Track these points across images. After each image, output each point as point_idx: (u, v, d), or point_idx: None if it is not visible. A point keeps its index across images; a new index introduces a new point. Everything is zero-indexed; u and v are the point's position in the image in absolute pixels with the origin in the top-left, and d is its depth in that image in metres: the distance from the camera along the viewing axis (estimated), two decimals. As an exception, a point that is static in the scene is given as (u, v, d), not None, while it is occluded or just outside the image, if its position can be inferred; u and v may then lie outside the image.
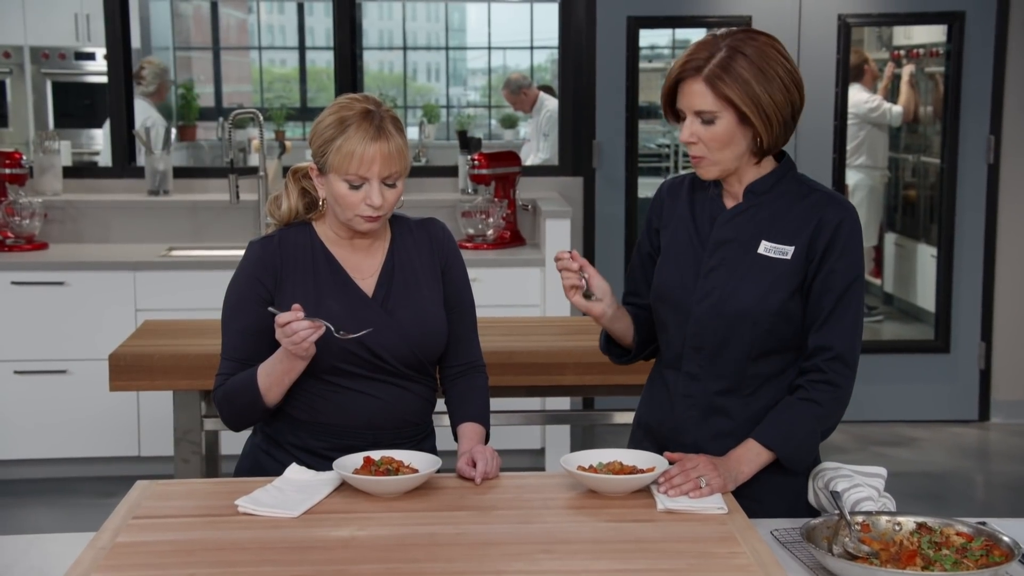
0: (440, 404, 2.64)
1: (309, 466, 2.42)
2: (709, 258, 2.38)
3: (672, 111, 2.37)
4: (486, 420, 2.58)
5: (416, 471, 2.30)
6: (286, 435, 2.50)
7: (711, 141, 2.30)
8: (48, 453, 5.17)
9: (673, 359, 2.44)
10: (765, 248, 2.34)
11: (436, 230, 2.58)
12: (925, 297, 6.43)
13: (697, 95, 2.28)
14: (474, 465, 2.38)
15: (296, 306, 2.30)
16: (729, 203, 2.41)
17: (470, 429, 2.54)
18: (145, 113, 6.89)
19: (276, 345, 2.43)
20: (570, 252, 2.39)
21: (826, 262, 2.31)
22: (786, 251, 2.33)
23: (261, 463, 2.52)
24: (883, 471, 2.33)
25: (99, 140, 8.07)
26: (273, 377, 2.39)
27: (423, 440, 2.56)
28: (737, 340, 2.34)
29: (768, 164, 2.39)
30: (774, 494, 2.38)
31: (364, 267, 2.50)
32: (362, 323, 2.42)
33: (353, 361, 2.42)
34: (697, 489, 2.22)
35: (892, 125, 6.69)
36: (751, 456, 2.31)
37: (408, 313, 2.48)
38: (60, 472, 5.21)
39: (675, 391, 2.44)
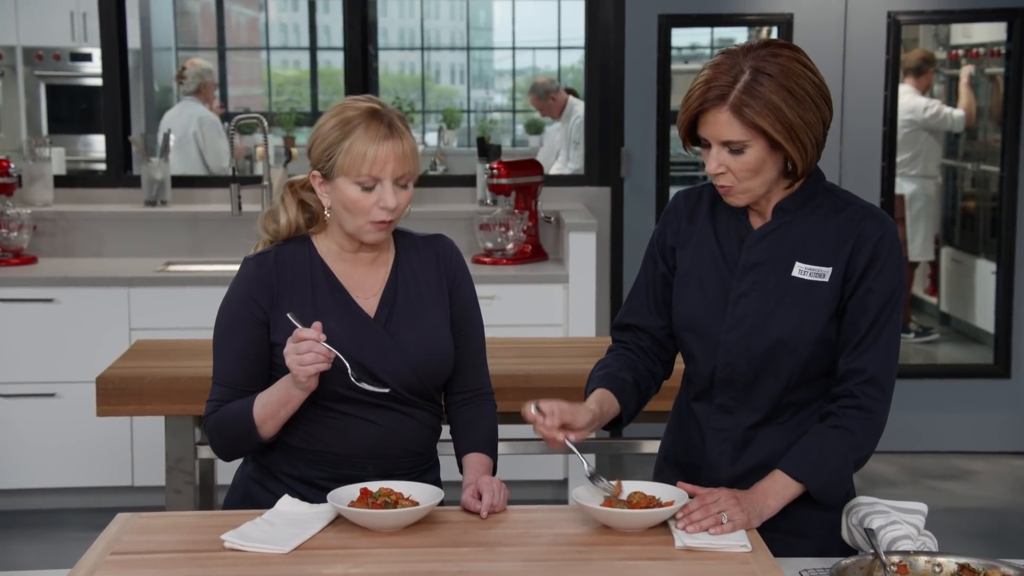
0: (444, 432, 2.64)
1: (305, 498, 2.42)
2: (739, 283, 2.36)
3: (691, 138, 2.33)
4: (493, 450, 2.59)
5: (416, 504, 2.30)
6: (281, 464, 2.51)
7: (740, 171, 2.28)
8: (35, 482, 5.21)
9: (702, 391, 2.43)
10: (800, 270, 2.33)
11: (443, 247, 2.59)
12: (984, 317, 6.39)
13: (723, 124, 2.24)
14: (480, 497, 2.38)
15: (317, 324, 2.31)
16: (756, 222, 2.39)
17: (476, 459, 2.54)
18: (195, 112, 7.07)
19: (271, 369, 2.45)
20: (537, 411, 2.29)
21: (864, 281, 2.30)
22: (823, 273, 2.32)
23: (253, 495, 2.52)
24: (923, 507, 2.31)
25: (96, 147, 8.13)
26: (269, 408, 2.40)
27: (427, 471, 2.57)
28: (773, 370, 2.33)
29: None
30: (807, 528, 2.37)
31: (366, 285, 2.51)
32: (364, 345, 2.44)
33: (353, 386, 2.41)
34: (718, 525, 2.21)
35: (954, 131, 6.66)
36: (778, 489, 2.30)
37: (413, 336, 2.48)
38: (47, 503, 5.24)
39: (706, 425, 2.43)
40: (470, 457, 2.55)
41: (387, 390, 2.41)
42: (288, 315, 2.38)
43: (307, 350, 2.28)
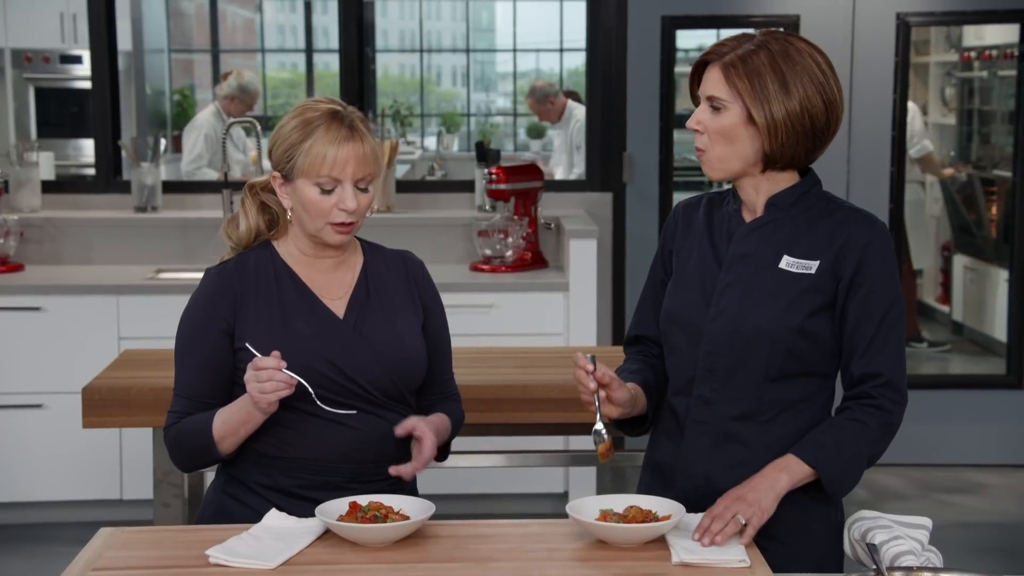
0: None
1: (280, 508, 2.43)
2: (726, 274, 2.40)
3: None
4: (452, 425, 2.64)
5: (406, 518, 2.30)
6: (253, 474, 2.52)
7: (715, 133, 2.35)
8: (21, 496, 5.21)
9: (683, 385, 2.45)
10: (787, 263, 2.37)
11: (411, 260, 2.66)
12: (999, 326, 6.39)
13: (711, 81, 2.35)
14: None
15: (276, 353, 2.34)
16: (749, 218, 2.44)
17: (437, 416, 2.59)
18: (205, 116, 7.14)
19: (232, 381, 2.49)
20: (592, 364, 2.36)
21: (860, 285, 2.33)
22: (810, 266, 2.35)
23: (227, 508, 2.53)
24: (928, 522, 2.32)
25: (86, 151, 8.14)
26: (229, 426, 2.44)
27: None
28: (754, 360, 2.35)
29: (791, 177, 2.41)
30: (808, 542, 2.38)
31: (332, 287, 2.55)
32: (333, 345, 2.48)
33: (325, 385, 2.45)
34: (737, 527, 2.20)
35: (908, 154, 6.64)
36: (793, 468, 2.29)
37: (384, 338, 2.52)
38: (33, 517, 5.24)
39: (685, 418, 2.45)
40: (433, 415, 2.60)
41: (354, 412, 2.47)
42: (246, 344, 2.43)
43: (268, 378, 2.32)
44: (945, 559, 2.29)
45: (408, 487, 2.57)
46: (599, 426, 2.37)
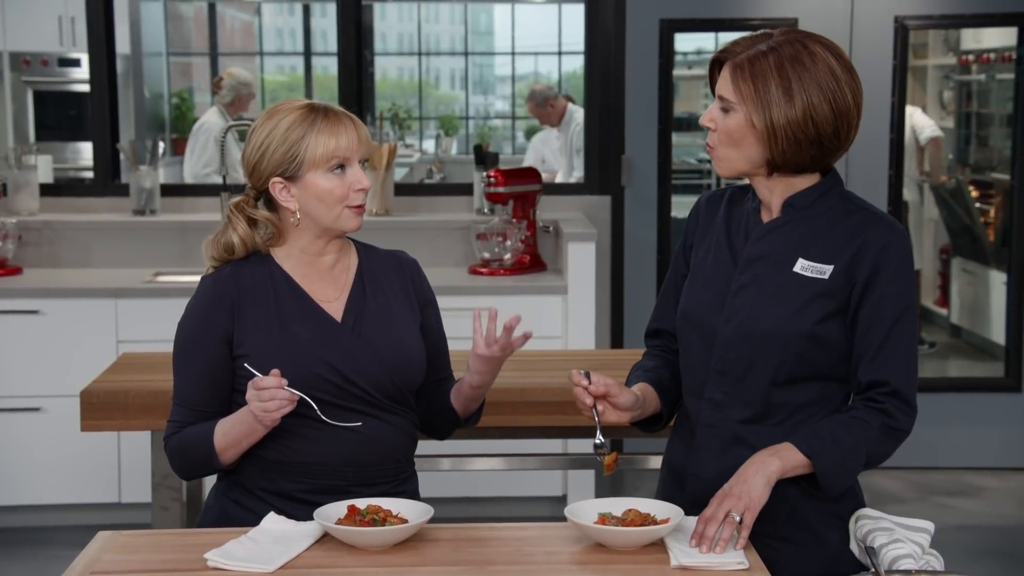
0: (422, 447, 2.68)
1: (284, 512, 2.43)
2: (740, 276, 2.39)
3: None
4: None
5: (405, 521, 2.30)
6: (256, 479, 2.52)
7: (723, 133, 2.34)
8: (18, 499, 5.21)
9: (696, 386, 2.45)
10: (802, 267, 2.34)
11: (406, 259, 2.67)
12: (997, 329, 6.39)
13: (722, 80, 2.34)
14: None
15: (276, 371, 2.35)
16: (767, 218, 2.42)
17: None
18: (213, 118, 7.14)
19: (232, 389, 2.49)
20: (587, 378, 2.38)
21: (873, 290, 2.30)
22: (824, 270, 2.33)
23: (229, 513, 2.53)
24: (930, 525, 2.30)
25: (84, 154, 8.14)
26: (230, 438, 2.44)
27: (406, 480, 2.59)
28: (763, 363, 2.34)
29: (809, 179, 2.38)
30: (819, 543, 2.37)
31: (328, 290, 2.55)
32: (332, 348, 2.48)
33: (326, 389, 2.45)
34: (732, 524, 2.19)
35: (917, 137, 6.65)
36: (786, 454, 2.27)
37: (383, 339, 2.53)
38: (32, 520, 5.24)
39: (697, 421, 2.44)
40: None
41: (359, 424, 2.48)
42: (245, 365, 2.43)
43: (270, 398, 2.33)
44: (944, 562, 2.28)
45: (409, 491, 2.57)
46: (599, 440, 2.38)
